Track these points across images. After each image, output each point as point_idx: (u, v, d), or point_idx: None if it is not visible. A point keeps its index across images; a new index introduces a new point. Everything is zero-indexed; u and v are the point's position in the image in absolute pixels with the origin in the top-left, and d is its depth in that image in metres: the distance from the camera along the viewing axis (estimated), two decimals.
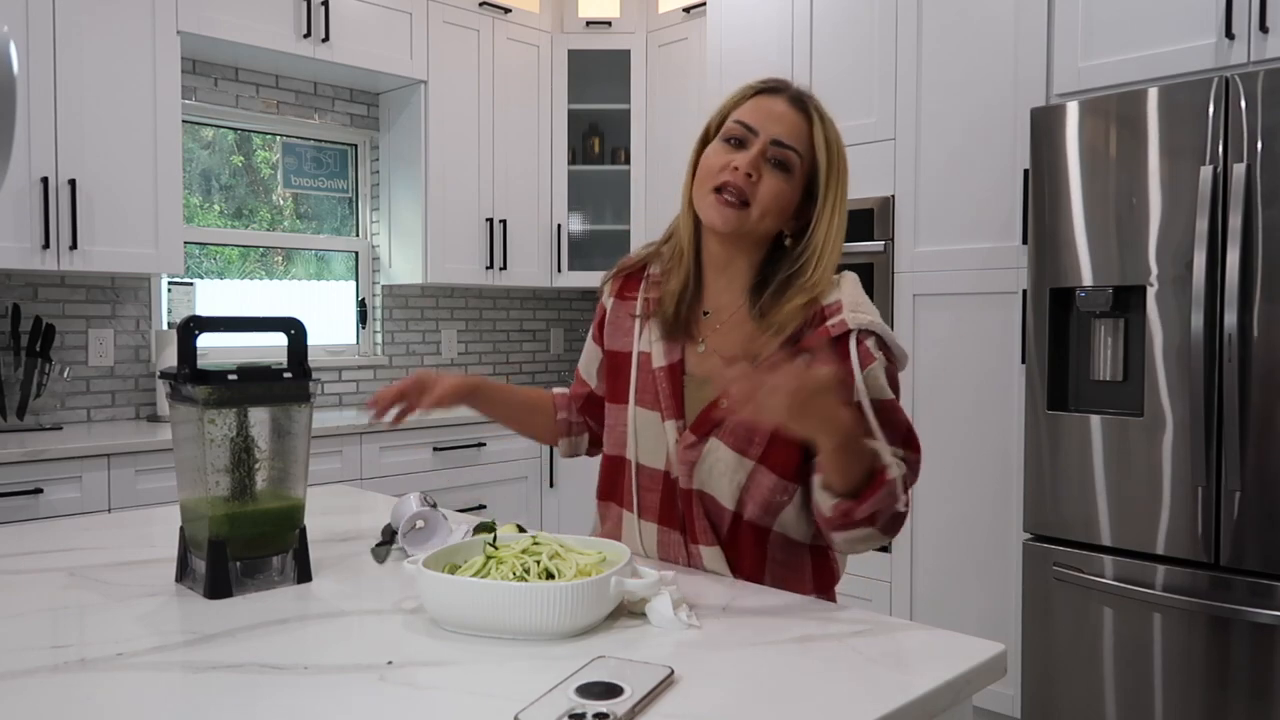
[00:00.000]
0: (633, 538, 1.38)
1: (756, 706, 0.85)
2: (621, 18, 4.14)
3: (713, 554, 1.31)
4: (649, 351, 1.36)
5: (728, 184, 1.25)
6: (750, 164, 1.25)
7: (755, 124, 1.27)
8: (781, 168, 1.27)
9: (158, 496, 2.75)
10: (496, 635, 1.02)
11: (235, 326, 1.28)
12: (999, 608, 2.76)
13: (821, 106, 1.32)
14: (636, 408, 1.36)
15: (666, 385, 1.33)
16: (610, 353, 1.44)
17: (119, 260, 2.96)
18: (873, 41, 3.04)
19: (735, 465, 1.27)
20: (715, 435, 1.28)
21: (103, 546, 1.47)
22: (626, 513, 1.39)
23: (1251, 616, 2.15)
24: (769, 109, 1.28)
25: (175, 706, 0.86)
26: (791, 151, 1.27)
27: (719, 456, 1.28)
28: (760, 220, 1.27)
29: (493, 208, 3.98)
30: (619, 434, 1.39)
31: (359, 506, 1.77)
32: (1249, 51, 2.30)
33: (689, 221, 1.35)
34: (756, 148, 1.26)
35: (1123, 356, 2.39)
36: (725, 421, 1.27)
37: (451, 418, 3.51)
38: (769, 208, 1.27)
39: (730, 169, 1.26)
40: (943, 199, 2.88)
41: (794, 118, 1.28)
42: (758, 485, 1.27)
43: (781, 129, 1.27)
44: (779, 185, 1.27)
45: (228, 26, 3.19)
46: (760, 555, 1.31)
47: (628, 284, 1.45)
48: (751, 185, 1.26)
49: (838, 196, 1.28)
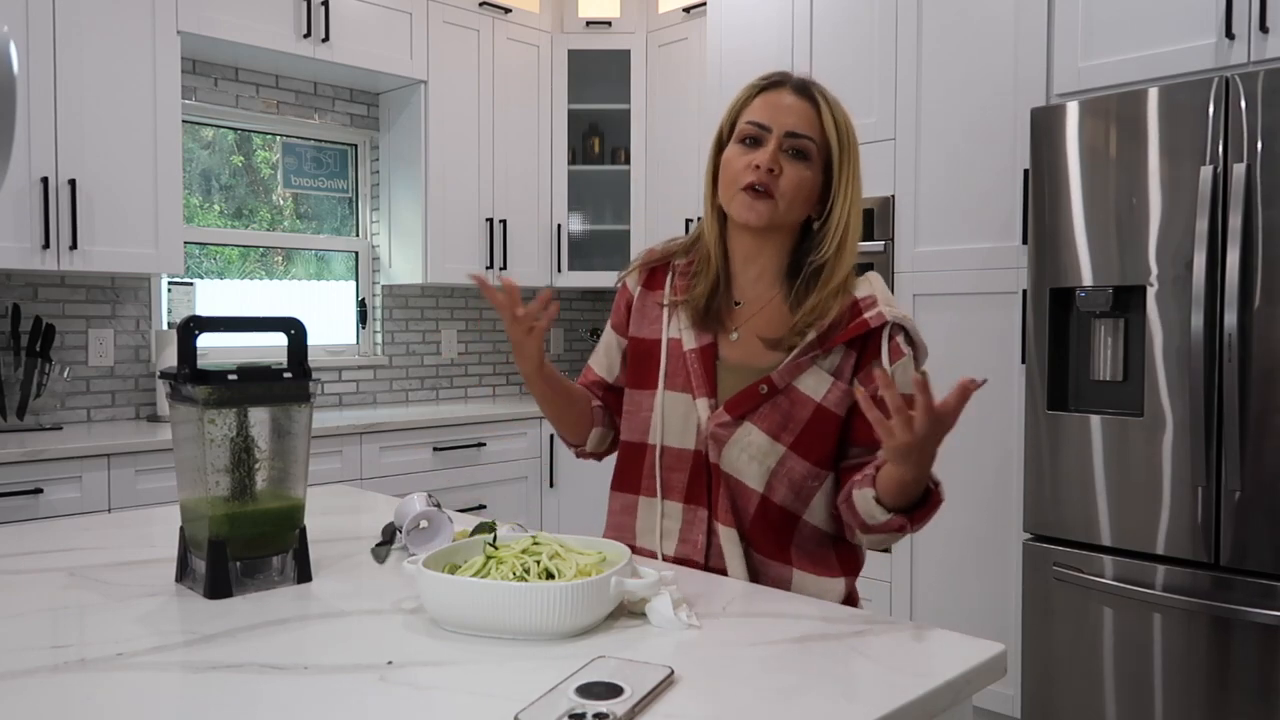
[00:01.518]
0: (652, 522, 1.39)
1: (756, 706, 0.85)
2: (621, 18, 4.14)
3: (729, 535, 1.33)
4: (678, 338, 1.39)
5: (753, 182, 1.30)
6: (770, 159, 1.30)
7: (767, 120, 1.32)
8: (800, 156, 1.32)
9: (158, 496, 2.75)
10: (496, 635, 1.02)
11: (235, 326, 1.28)
12: (999, 608, 2.76)
13: (825, 90, 1.36)
14: (665, 391, 1.38)
15: (699, 366, 1.36)
16: (636, 339, 1.45)
17: (119, 260, 2.96)
18: (873, 41, 3.04)
19: (767, 449, 1.31)
20: (750, 419, 1.32)
21: (103, 546, 1.47)
22: (645, 498, 1.40)
23: (1252, 616, 2.15)
24: (776, 103, 1.33)
25: (175, 706, 0.86)
26: (806, 140, 1.32)
27: (751, 440, 1.32)
28: (789, 210, 1.33)
29: (493, 208, 3.98)
30: (642, 419, 1.41)
31: (359, 506, 1.77)
32: (1249, 51, 2.30)
33: (714, 225, 1.39)
34: (773, 143, 1.31)
35: (1123, 356, 2.39)
36: (763, 405, 1.31)
37: (451, 418, 3.51)
38: (795, 196, 1.32)
39: (752, 168, 1.31)
40: (943, 199, 2.88)
41: (802, 107, 1.33)
42: (788, 470, 1.32)
43: (792, 120, 1.32)
44: (800, 173, 1.32)
45: (228, 26, 3.19)
46: (787, 538, 1.34)
47: (654, 276, 1.47)
48: (775, 179, 1.31)
49: (852, 173, 1.34)
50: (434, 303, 4.18)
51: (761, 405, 1.32)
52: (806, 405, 1.31)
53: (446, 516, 1.48)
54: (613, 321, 1.52)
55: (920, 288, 2.91)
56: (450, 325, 4.24)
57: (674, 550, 1.37)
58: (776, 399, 1.32)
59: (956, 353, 2.82)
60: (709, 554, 1.35)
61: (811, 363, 1.32)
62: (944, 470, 1.38)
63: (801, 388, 1.32)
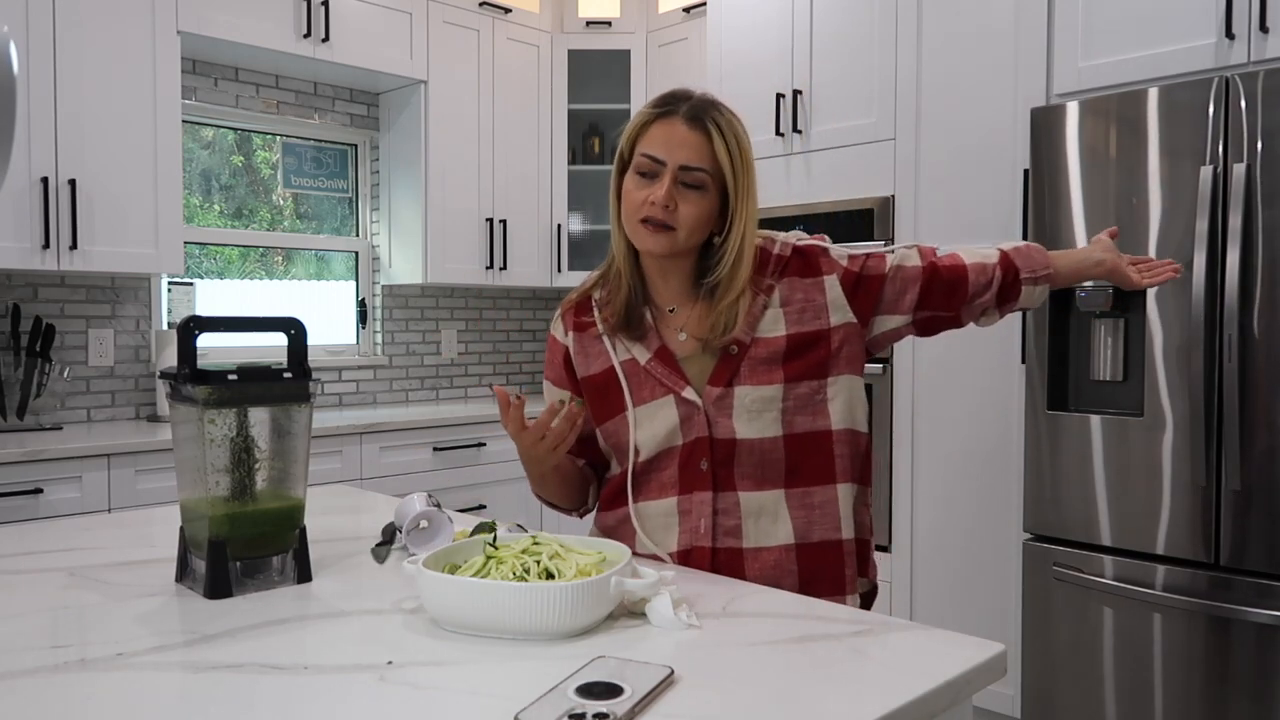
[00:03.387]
0: (647, 525, 1.40)
1: (756, 706, 0.85)
2: (621, 18, 4.14)
3: (756, 499, 1.36)
4: (630, 357, 1.42)
5: (649, 217, 1.35)
6: (666, 196, 1.33)
7: (661, 155, 1.35)
8: (695, 187, 1.36)
9: (158, 496, 2.75)
10: (496, 635, 1.02)
11: (235, 326, 1.28)
12: (999, 608, 2.76)
13: (718, 114, 1.37)
14: (636, 409, 1.40)
15: (664, 368, 1.40)
16: (587, 379, 1.47)
17: (119, 260, 2.96)
18: (873, 41, 3.04)
19: (769, 395, 1.36)
20: (736, 384, 1.36)
21: (103, 546, 1.47)
22: (634, 505, 1.41)
23: (1252, 616, 2.15)
24: (668, 136, 1.35)
25: (175, 706, 0.86)
26: (699, 172, 1.35)
27: (752, 396, 1.36)
28: (689, 237, 1.37)
29: (493, 208, 3.98)
30: (623, 442, 1.42)
31: (359, 506, 1.77)
32: (1249, 51, 2.30)
33: (622, 241, 1.43)
34: (668, 177, 1.34)
35: (1123, 356, 2.39)
36: (742, 365, 1.37)
37: (451, 418, 3.51)
38: (693, 225, 1.36)
39: (649, 203, 1.35)
40: (943, 199, 2.88)
41: (695, 139, 1.35)
42: (795, 397, 1.37)
43: (685, 154, 1.34)
44: (696, 204, 1.36)
45: (228, 26, 3.19)
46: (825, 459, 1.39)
47: (580, 314, 1.50)
48: (671, 213, 1.34)
49: (747, 193, 1.38)
50: (434, 303, 4.18)
51: (741, 366, 1.37)
52: (777, 343, 1.37)
53: (446, 516, 1.48)
54: (551, 378, 1.53)
55: None
56: (450, 325, 4.24)
57: (675, 543, 1.38)
58: (751, 352, 1.37)
59: (956, 353, 2.82)
60: (715, 534, 1.36)
61: (762, 310, 1.38)
62: (944, 470, 1.38)
63: (764, 334, 1.38)
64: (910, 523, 2.95)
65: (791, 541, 1.36)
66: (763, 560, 1.35)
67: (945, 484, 2.85)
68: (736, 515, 1.36)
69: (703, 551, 1.36)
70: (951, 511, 2.85)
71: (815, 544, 1.37)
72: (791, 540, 1.36)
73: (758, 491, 1.36)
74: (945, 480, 2.85)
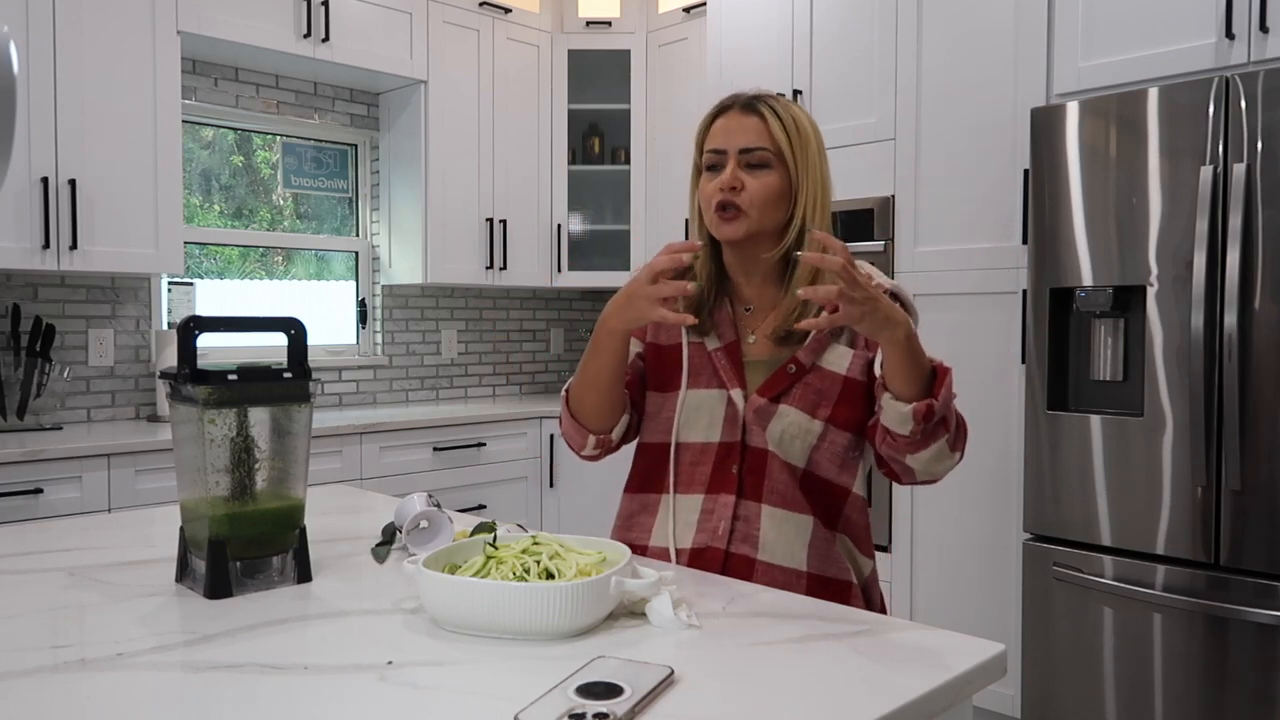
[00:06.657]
0: (668, 516, 1.41)
1: (756, 706, 0.85)
2: (621, 18, 4.14)
3: (775, 515, 1.37)
4: (699, 341, 1.45)
5: (720, 201, 1.39)
6: (730, 178, 1.38)
7: (722, 145, 1.40)
8: (759, 166, 1.39)
9: (158, 496, 2.75)
10: (496, 635, 1.02)
11: (235, 326, 1.28)
12: (999, 608, 2.76)
13: (771, 100, 1.41)
14: (688, 390, 1.43)
15: (726, 361, 1.42)
16: (654, 345, 1.49)
17: (119, 260, 2.96)
18: (873, 41, 3.04)
19: (806, 426, 1.37)
20: (784, 401, 1.38)
21: (103, 546, 1.47)
22: (665, 495, 1.43)
23: (1251, 616, 2.15)
24: (727, 128, 1.41)
25: (175, 706, 0.86)
26: (759, 151, 1.39)
27: (791, 420, 1.37)
28: (762, 217, 1.39)
29: (493, 208, 3.98)
30: (665, 419, 1.44)
31: (359, 506, 1.77)
32: (1249, 51, 2.30)
33: (705, 240, 1.46)
34: (731, 163, 1.39)
35: (1123, 356, 2.39)
36: (795, 386, 1.38)
37: (451, 418, 3.51)
38: (764, 203, 1.38)
39: (718, 190, 1.39)
40: (943, 199, 2.88)
41: (750, 123, 1.40)
42: (830, 443, 1.38)
43: (742, 138, 1.39)
44: (762, 181, 1.38)
45: (228, 26, 3.19)
46: (835, 515, 1.40)
47: None
48: (739, 194, 1.38)
49: (809, 164, 1.40)
50: (434, 303, 4.18)
51: (794, 386, 1.38)
52: (835, 380, 1.38)
53: (446, 516, 1.48)
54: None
55: (920, 288, 2.91)
56: (450, 325, 4.24)
57: (691, 541, 1.38)
58: (806, 378, 1.38)
59: (956, 353, 2.82)
60: (731, 539, 1.37)
61: (830, 339, 1.40)
62: None
63: (827, 364, 1.39)
64: (910, 523, 2.95)
65: (804, 569, 1.36)
66: (772, 577, 1.35)
67: (945, 484, 2.85)
68: (756, 525, 1.37)
69: (716, 553, 1.36)
70: (951, 511, 2.85)
71: (827, 579, 1.38)
72: (804, 568, 1.36)
73: (785, 510, 1.37)
74: (945, 480, 2.85)
